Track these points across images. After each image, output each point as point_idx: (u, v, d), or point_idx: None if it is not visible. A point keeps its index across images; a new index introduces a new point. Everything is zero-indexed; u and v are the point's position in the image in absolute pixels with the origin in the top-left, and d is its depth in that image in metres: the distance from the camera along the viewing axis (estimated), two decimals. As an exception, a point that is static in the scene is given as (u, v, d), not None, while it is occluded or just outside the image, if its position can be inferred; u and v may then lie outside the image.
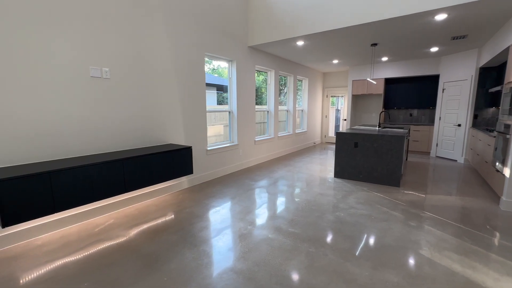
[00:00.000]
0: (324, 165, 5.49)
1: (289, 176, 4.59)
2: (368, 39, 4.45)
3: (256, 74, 5.39)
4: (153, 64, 3.27)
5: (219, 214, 2.94)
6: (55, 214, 2.47)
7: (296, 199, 3.42)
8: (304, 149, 7.52)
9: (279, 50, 5.29)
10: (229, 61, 4.66)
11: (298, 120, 7.81)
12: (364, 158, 4.13)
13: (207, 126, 4.29)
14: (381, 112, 5.28)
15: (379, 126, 5.14)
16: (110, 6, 2.77)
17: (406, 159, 5.86)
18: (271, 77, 5.94)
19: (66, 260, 2.04)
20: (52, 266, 1.96)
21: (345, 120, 8.51)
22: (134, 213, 2.97)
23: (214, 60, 4.57)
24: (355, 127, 5.31)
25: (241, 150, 5.02)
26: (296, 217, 2.85)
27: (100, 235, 2.45)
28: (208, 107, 4.34)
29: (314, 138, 8.47)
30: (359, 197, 3.50)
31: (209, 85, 7.12)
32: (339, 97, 9.14)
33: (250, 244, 2.27)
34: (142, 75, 3.15)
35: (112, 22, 2.80)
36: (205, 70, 4.10)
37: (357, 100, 8.05)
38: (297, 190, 3.80)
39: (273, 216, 2.90)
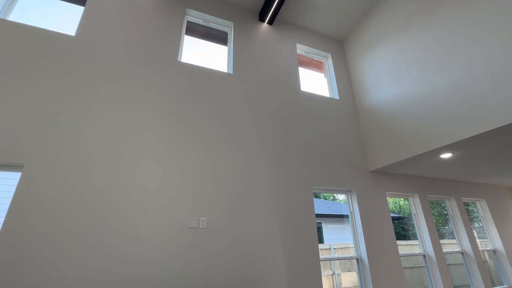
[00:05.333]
0: None
1: None
2: None
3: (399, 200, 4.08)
4: (252, 207, 3.01)
5: None
6: None
7: None
8: (528, 331, 4.01)
9: (417, 168, 3.99)
10: (347, 191, 3.83)
11: (489, 265, 4.76)
12: None
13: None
14: None
15: None
16: (216, 164, 3.05)
17: None
18: (415, 205, 4.32)
19: None
20: None
21: None
22: None
23: (326, 193, 3.91)
24: None
25: (385, 325, 3.15)
26: None
27: None
28: (324, 254, 3.32)
29: (544, 305, 4.59)
30: None
31: (335, 216, 6.15)
32: None
33: None
34: (239, 221, 2.89)
35: (217, 175, 3.00)
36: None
37: None
38: None
39: None
